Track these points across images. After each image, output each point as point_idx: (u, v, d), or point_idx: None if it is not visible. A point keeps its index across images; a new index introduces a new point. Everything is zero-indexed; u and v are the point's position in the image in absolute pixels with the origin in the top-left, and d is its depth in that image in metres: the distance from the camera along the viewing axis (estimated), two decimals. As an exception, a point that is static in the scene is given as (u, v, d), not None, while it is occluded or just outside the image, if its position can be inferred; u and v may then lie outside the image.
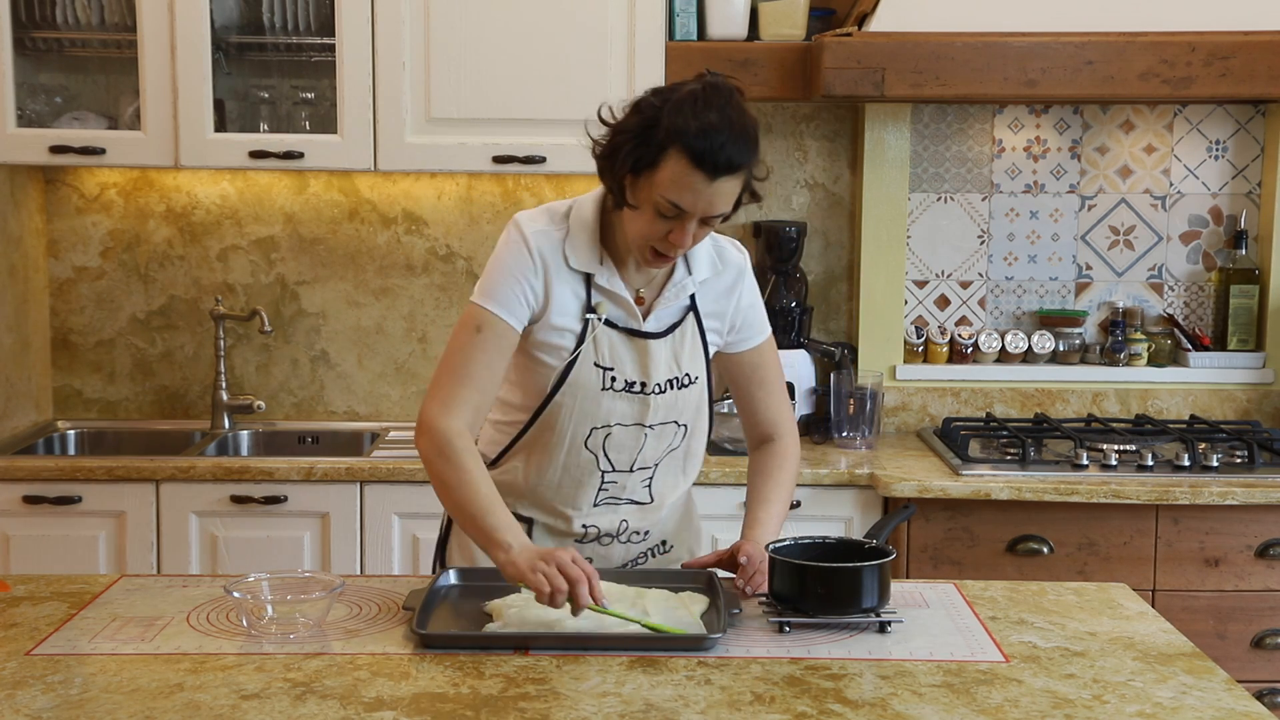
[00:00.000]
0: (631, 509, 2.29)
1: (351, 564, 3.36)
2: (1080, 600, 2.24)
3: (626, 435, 2.22)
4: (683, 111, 2.02)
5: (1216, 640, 3.25)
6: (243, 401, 3.78)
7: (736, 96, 2.07)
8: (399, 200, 3.86)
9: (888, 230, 3.80)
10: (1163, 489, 3.21)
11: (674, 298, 2.22)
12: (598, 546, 2.29)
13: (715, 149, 2.00)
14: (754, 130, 2.07)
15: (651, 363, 2.20)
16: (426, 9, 3.46)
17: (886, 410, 3.83)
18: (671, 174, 2.02)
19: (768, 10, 3.61)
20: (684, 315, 2.24)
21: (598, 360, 2.18)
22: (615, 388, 2.19)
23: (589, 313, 2.18)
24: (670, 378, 2.22)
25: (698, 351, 2.25)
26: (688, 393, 2.24)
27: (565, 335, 2.18)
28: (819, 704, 1.77)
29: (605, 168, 2.12)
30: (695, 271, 2.24)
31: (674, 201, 2.04)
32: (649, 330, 2.21)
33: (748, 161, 2.06)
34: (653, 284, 2.23)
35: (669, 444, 2.26)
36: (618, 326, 2.20)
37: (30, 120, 3.58)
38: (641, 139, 2.05)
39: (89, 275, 3.87)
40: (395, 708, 1.75)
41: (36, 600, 2.17)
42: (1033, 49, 3.32)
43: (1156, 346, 3.86)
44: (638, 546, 2.32)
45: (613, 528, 2.28)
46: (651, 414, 2.21)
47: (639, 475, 2.26)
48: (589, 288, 2.19)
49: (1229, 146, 3.83)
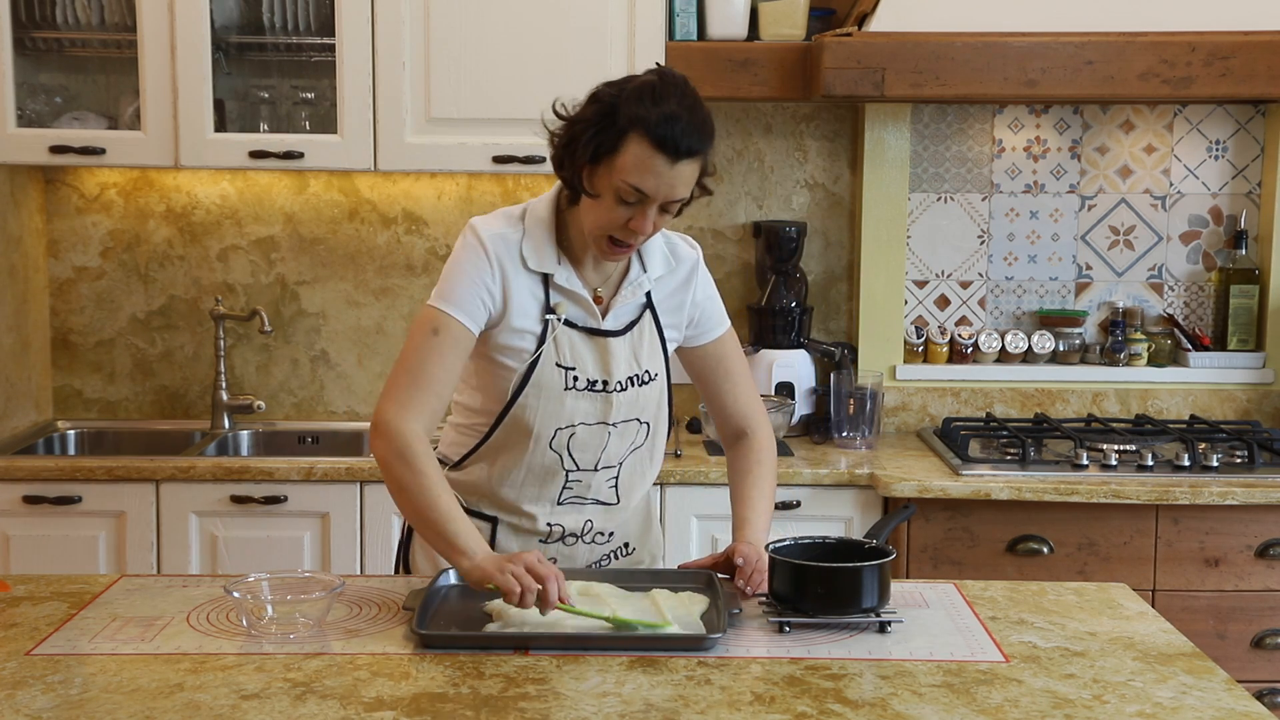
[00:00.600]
0: (597, 509, 2.29)
1: (351, 564, 3.36)
2: (1080, 600, 2.24)
3: (590, 434, 2.23)
4: (642, 99, 2.05)
5: (1216, 640, 3.25)
6: (243, 401, 3.78)
7: (689, 85, 2.11)
8: (399, 200, 3.86)
9: (888, 230, 3.80)
10: (1163, 489, 3.21)
11: (631, 295, 2.24)
12: (562, 546, 2.30)
13: (676, 132, 2.03)
14: (709, 119, 2.10)
15: (612, 361, 2.21)
16: (426, 9, 3.46)
17: (886, 410, 3.83)
18: (633, 158, 2.05)
19: (768, 10, 3.61)
20: (641, 312, 2.26)
21: (559, 360, 2.19)
22: (578, 387, 2.20)
23: (548, 313, 2.20)
24: (631, 375, 2.23)
25: (656, 348, 2.27)
26: (648, 390, 2.26)
27: (526, 337, 2.19)
28: (819, 704, 1.77)
29: (564, 159, 2.14)
30: (650, 269, 2.26)
31: (636, 185, 2.06)
32: (608, 328, 2.22)
33: (705, 148, 2.08)
34: (609, 283, 2.25)
35: (632, 442, 2.27)
36: (577, 326, 2.21)
37: (30, 120, 3.58)
38: (601, 126, 2.07)
39: (89, 275, 3.87)
40: (395, 708, 1.75)
41: (36, 600, 2.17)
42: (1033, 49, 3.32)
43: (1156, 346, 3.86)
44: (601, 548, 2.33)
45: (577, 527, 2.29)
46: (614, 412, 2.22)
47: (604, 474, 2.27)
48: (547, 288, 2.20)
49: (1229, 146, 3.83)
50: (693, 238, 2.30)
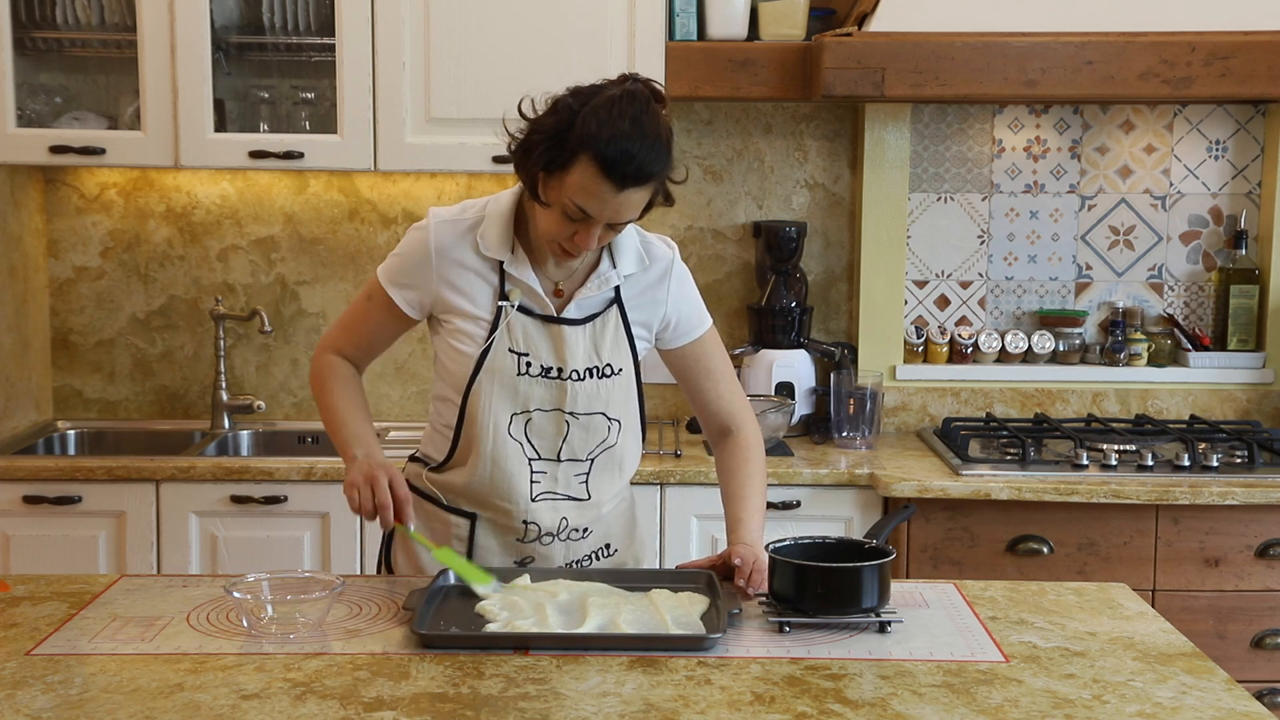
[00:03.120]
0: (570, 505, 2.29)
1: (351, 564, 3.36)
2: (1080, 600, 2.24)
3: (547, 421, 2.24)
4: (597, 117, 2.04)
5: (1216, 640, 3.25)
6: (243, 401, 3.79)
7: (653, 105, 2.08)
8: (399, 200, 3.86)
9: (888, 230, 3.80)
10: (1163, 489, 3.22)
11: (596, 289, 2.25)
12: (539, 546, 2.30)
13: (624, 159, 2.02)
14: (667, 140, 2.09)
15: (567, 349, 2.22)
16: (426, 9, 3.46)
17: (886, 410, 3.83)
18: (580, 180, 2.05)
19: (768, 10, 3.61)
20: (607, 306, 2.27)
21: (512, 346, 2.22)
22: (531, 373, 2.22)
23: (501, 300, 2.22)
24: (590, 366, 2.24)
25: (621, 344, 2.27)
26: (611, 384, 2.25)
27: (479, 323, 2.23)
28: (819, 704, 1.77)
29: (519, 162, 2.16)
30: (620, 265, 2.26)
31: (581, 206, 2.07)
32: (565, 317, 2.23)
33: (657, 172, 2.07)
34: (574, 276, 2.26)
35: (601, 439, 2.27)
36: (533, 313, 2.23)
37: (30, 120, 3.58)
38: (555, 141, 2.08)
39: (89, 275, 3.87)
40: (395, 708, 1.75)
41: (36, 600, 2.17)
42: (1033, 49, 3.32)
43: (1156, 346, 3.86)
44: (579, 545, 2.33)
45: (553, 526, 2.29)
46: (570, 400, 2.23)
47: (571, 468, 2.27)
48: (502, 275, 2.23)
49: (1229, 146, 3.83)
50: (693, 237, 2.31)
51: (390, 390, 3.91)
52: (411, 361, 3.91)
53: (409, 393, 3.91)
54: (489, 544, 2.31)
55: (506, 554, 2.31)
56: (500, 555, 2.31)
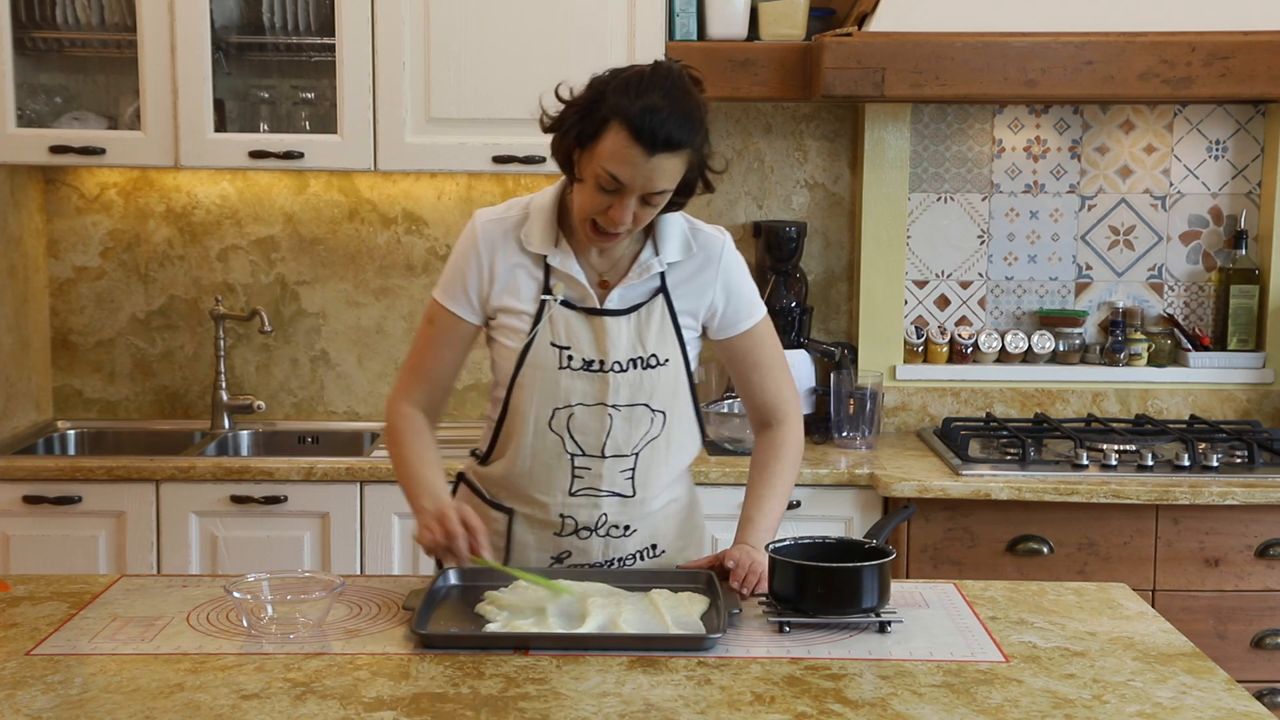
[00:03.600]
0: (613, 502, 2.28)
1: (351, 564, 3.36)
2: (1080, 600, 2.24)
3: (589, 416, 2.22)
4: (628, 88, 2.06)
5: (1216, 640, 3.25)
6: (243, 401, 3.79)
7: (684, 79, 2.10)
8: (399, 200, 3.86)
9: (888, 230, 3.80)
10: (1163, 489, 3.21)
11: (638, 277, 2.23)
12: (576, 540, 2.30)
13: (655, 123, 2.03)
14: (699, 112, 2.09)
15: (609, 340, 2.21)
16: (426, 9, 3.46)
17: (886, 410, 3.83)
18: (611, 147, 2.06)
19: (768, 10, 3.61)
20: (652, 296, 2.25)
21: (554, 340, 2.21)
22: (573, 366, 2.21)
23: (545, 294, 2.22)
24: (633, 357, 2.22)
25: (667, 333, 2.25)
26: (656, 375, 2.24)
27: (523, 318, 2.23)
28: (819, 704, 1.77)
29: (555, 141, 2.17)
30: (664, 252, 2.25)
31: (613, 174, 2.07)
32: (608, 308, 2.22)
33: (688, 141, 2.07)
34: (618, 265, 2.25)
35: (646, 432, 2.25)
36: (575, 306, 2.23)
37: (30, 120, 3.58)
38: (586, 112, 2.10)
39: (89, 275, 3.87)
40: (395, 708, 1.75)
41: (36, 600, 2.17)
42: (1033, 49, 3.32)
43: (1156, 346, 3.86)
44: (619, 542, 2.31)
45: (591, 521, 2.28)
46: (613, 393, 2.22)
47: (616, 464, 2.26)
48: (547, 270, 2.23)
49: (1229, 146, 3.83)
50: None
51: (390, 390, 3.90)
52: (411, 361, 3.90)
53: (409, 393, 3.90)
54: (526, 539, 2.31)
55: (543, 549, 2.31)
56: (537, 551, 2.31)
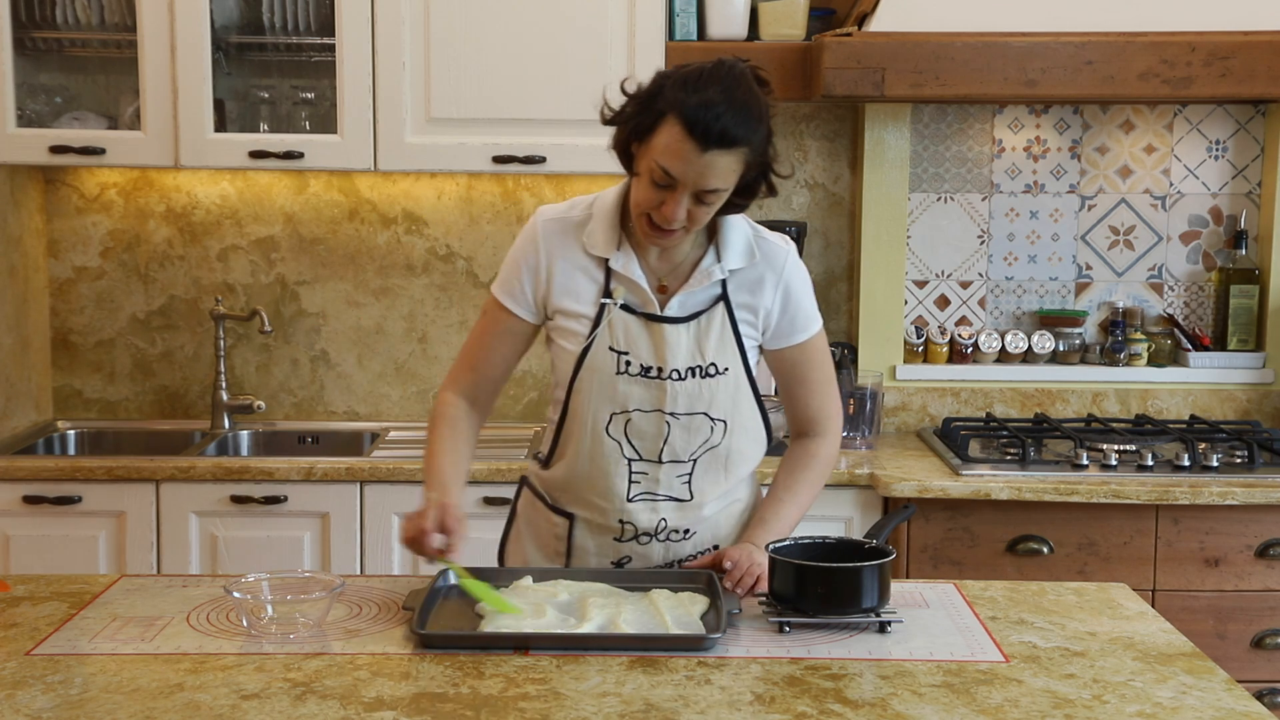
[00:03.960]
0: (671, 506, 2.26)
1: (351, 564, 3.36)
2: (1080, 600, 2.24)
3: (647, 422, 2.21)
4: (686, 82, 2.05)
5: (1216, 640, 3.25)
6: (243, 401, 3.78)
7: (746, 77, 2.08)
8: (399, 200, 3.86)
9: (888, 230, 3.80)
10: (1163, 489, 3.21)
11: (699, 284, 2.22)
12: (636, 545, 2.28)
13: (709, 118, 2.02)
14: (757, 109, 2.07)
15: (668, 348, 2.20)
16: (426, 9, 3.46)
17: (886, 410, 3.83)
18: (665, 140, 2.05)
19: (768, 10, 3.61)
20: (713, 304, 2.23)
21: (612, 344, 2.20)
22: (630, 372, 2.20)
23: (605, 297, 2.20)
24: (692, 365, 2.20)
25: (727, 343, 2.23)
26: (715, 384, 2.22)
27: (581, 321, 2.22)
28: (819, 704, 1.77)
29: (615, 134, 2.16)
30: (725, 259, 2.22)
31: (665, 168, 2.06)
32: (668, 315, 2.21)
33: (745, 138, 2.05)
34: (678, 270, 2.24)
35: (705, 440, 2.24)
36: (635, 311, 2.21)
37: (30, 120, 3.58)
38: (644, 106, 2.09)
39: (89, 275, 3.87)
40: (395, 708, 1.75)
41: (36, 600, 2.17)
42: (1033, 49, 3.32)
43: (1156, 346, 3.86)
44: (679, 546, 2.30)
45: (651, 526, 2.27)
46: (670, 401, 2.20)
47: (673, 469, 2.24)
48: (608, 273, 2.21)
49: (1229, 146, 3.83)
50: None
51: (390, 390, 3.91)
52: (411, 361, 3.91)
53: (409, 393, 3.91)
54: (586, 544, 2.30)
55: (603, 554, 2.30)
56: (597, 556, 2.30)
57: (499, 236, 3.86)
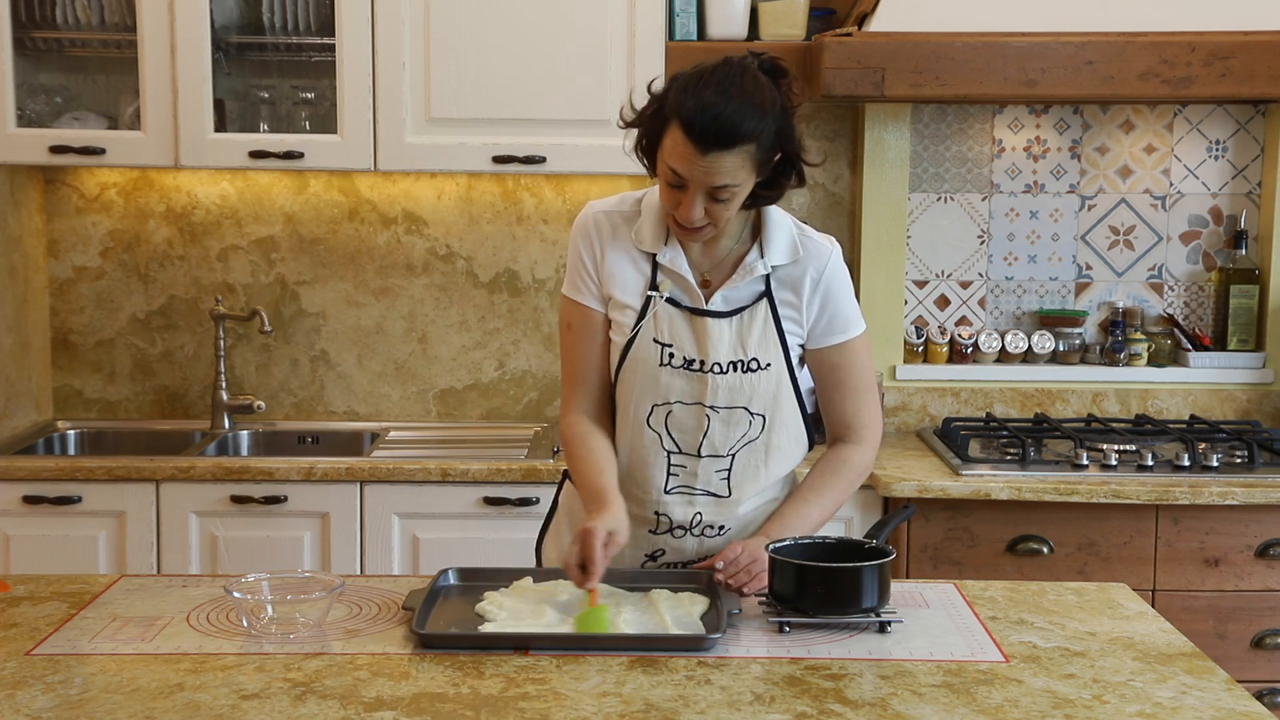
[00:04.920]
0: (708, 501, 2.27)
1: (351, 564, 3.36)
2: (1080, 600, 2.24)
3: (688, 415, 2.23)
4: (686, 86, 2.07)
5: (1216, 640, 3.25)
6: (243, 401, 3.78)
7: (749, 72, 2.08)
8: (399, 200, 3.86)
9: (888, 230, 3.80)
10: (1163, 489, 3.21)
11: (742, 279, 2.23)
12: (670, 539, 2.30)
13: (706, 120, 2.03)
14: (760, 104, 2.06)
15: (710, 341, 2.21)
16: (426, 9, 3.46)
17: (887, 410, 3.83)
18: (671, 144, 2.09)
19: (768, 10, 3.61)
20: (756, 300, 2.24)
21: (656, 336, 2.22)
22: (673, 364, 2.21)
23: (651, 290, 2.23)
24: (734, 360, 2.22)
25: (770, 337, 2.23)
26: (756, 379, 2.22)
27: (627, 312, 2.24)
28: (819, 704, 1.77)
29: (637, 138, 2.19)
30: (769, 256, 2.23)
31: (674, 169, 2.09)
32: (711, 309, 2.22)
33: (747, 135, 2.05)
34: (721, 266, 2.26)
35: (744, 434, 2.24)
36: (680, 305, 2.23)
37: (30, 120, 3.58)
38: (655, 111, 2.13)
39: (89, 275, 3.87)
40: (395, 708, 1.75)
41: (36, 600, 2.17)
42: (1033, 49, 3.32)
43: (1156, 346, 3.86)
44: (713, 541, 2.30)
45: (685, 520, 2.28)
46: (711, 394, 2.21)
47: (712, 464, 2.25)
48: (654, 267, 2.24)
49: (1229, 146, 3.83)
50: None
51: (390, 390, 3.91)
52: (411, 361, 3.91)
53: (409, 393, 3.91)
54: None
55: (638, 547, 2.30)
56: (632, 549, 2.30)
57: (499, 236, 3.86)
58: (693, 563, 2.31)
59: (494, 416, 3.92)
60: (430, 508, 3.34)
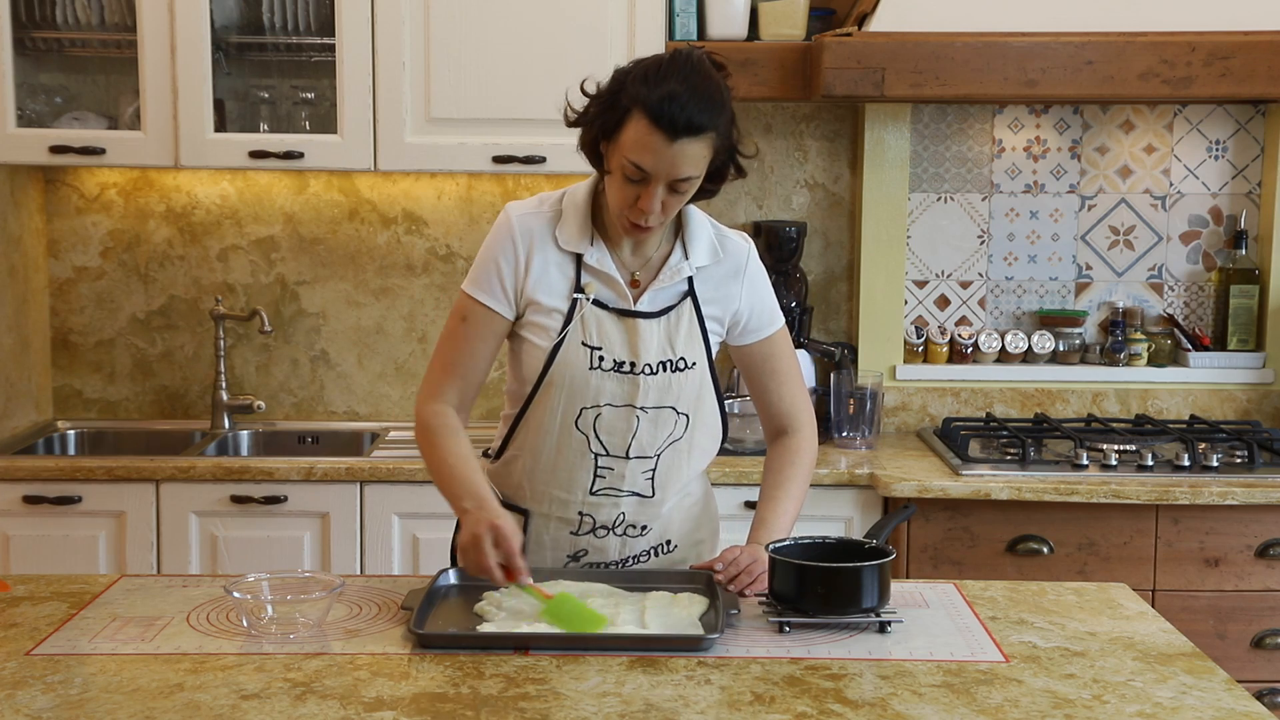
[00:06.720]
0: (632, 501, 2.28)
1: (351, 564, 3.36)
2: (1080, 600, 2.24)
3: (617, 417, 2.22)
4: (647, 76, 2.07)
5: (1216, 640, 3.25)
6: (243, 401, 3.78)
7: (704, 64, 2.10)
8: (399, 200, 3.86)
9: (888, 230, 3.80)
10: (1163, 489, 3.22)
11: (669, 280, 2.23)
12: (593, 539, 2.30)
13: (674, 108, 2.03)
14: (720, 96, 2.09)
15: (641, 343, 2.21)
16: (426, 9, 3.46)
17: (886, 410, 3.83)
18: (634, 136, 2.07)
19: (768, 10, 3.62)
20: (681, 299, 2.25)
21: (585, 339, 2.20)
22: (604, 367, 2.20)
23: (577, 292, 2.21)
24: (663, 360, 2.22)
25: (695, 337, 2.25)
26: (683, 378, 2.24)
27: (554, 316, 2.22)
28: (819, 704, 1.77)
29: (582, 136, 2.18)
30: (693, 256, 2.25)
31: (636, 163, 2.07)
32: (640, 310, 2.22)
33: (710, 124, 2.07)
34: (648, 266, 2.25)
35: (669, 434, 2.25)
36: (608, 307, 2.22)
37: (30, 120, 3.58)
38: (608, 104, 2.11)
39: (89, 275, 3.87)
40: (395, 708, 1.75)
41: (36, 600, 2.17)
42: (1033, 49, 3.32)
43: (1156, 346, 3.86)
44: (635, 541, 2.32)
45: (609, 520, 2.28)
46: (642, 395, 2.21)
47: (638, 465, 2.26)
48: (579, 268, 2.22)
49: (1229, 146, 3.83)
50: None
51: (390, 390, 3.91)
52: (411, 361, 3.91)
53: (409, 393, 3.91)
54: (542, 538, 2.30)
55: (559, 548, 2.30)
56: (553, 550, 2.30)
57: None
58: (615, 563, 2.31)
59: (493, 417, 3.91)
60: (430, 508, 3.33)
